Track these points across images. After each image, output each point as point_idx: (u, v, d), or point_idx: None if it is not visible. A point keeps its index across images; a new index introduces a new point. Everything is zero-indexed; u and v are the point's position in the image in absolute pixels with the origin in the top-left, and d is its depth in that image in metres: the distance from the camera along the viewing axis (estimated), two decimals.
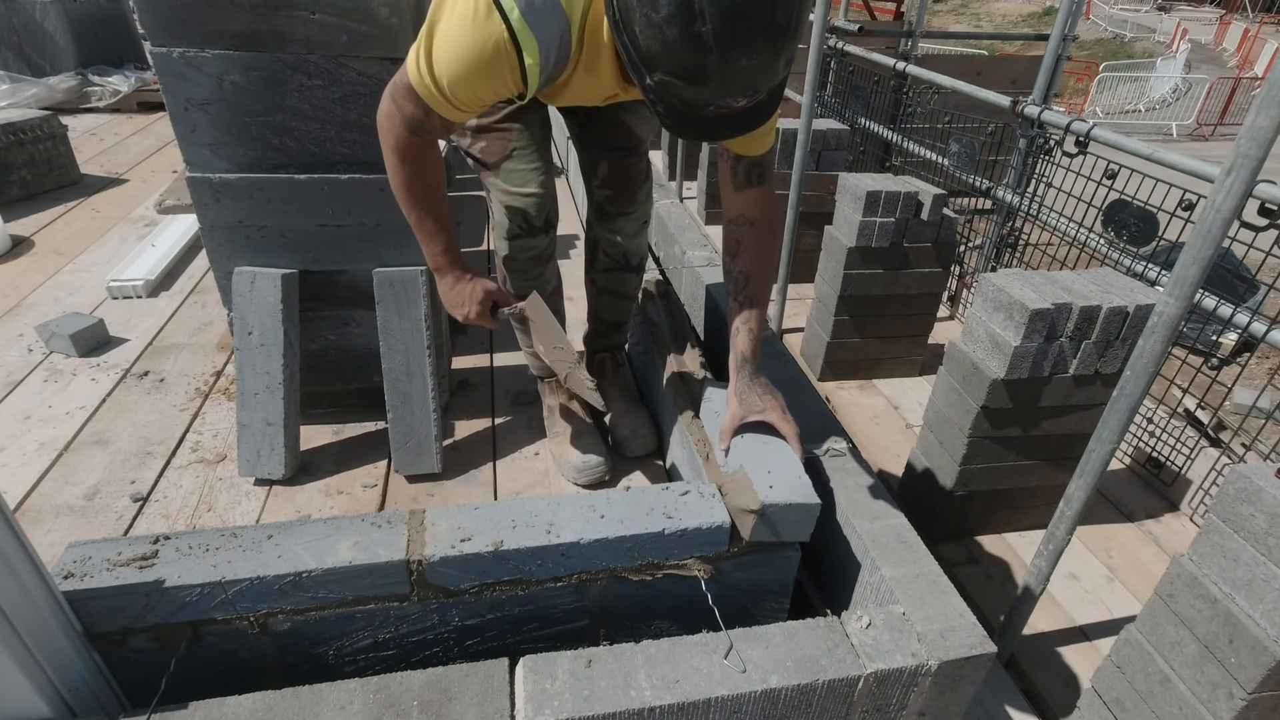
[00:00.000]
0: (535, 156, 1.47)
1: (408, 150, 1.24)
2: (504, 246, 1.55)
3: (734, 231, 1.39)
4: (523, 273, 1.58)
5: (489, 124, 1.44)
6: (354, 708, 0.91)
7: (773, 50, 0.91)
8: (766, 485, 1.19)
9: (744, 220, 1.38)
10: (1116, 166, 2.51)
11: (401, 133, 1.22)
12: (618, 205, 1.65)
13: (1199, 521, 2.19)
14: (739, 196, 1.36)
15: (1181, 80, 15.83)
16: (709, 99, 0.95)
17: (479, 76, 1.09)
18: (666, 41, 0.89)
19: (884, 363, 2.92)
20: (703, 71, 0.90)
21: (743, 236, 1.38)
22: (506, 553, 1.09)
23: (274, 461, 1.61)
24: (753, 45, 0.89)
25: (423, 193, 1.31)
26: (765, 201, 1.37)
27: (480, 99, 1.16)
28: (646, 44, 0.92)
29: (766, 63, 0.92)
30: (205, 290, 2.50)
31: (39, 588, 0.89)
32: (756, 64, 0.91)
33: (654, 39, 0.90)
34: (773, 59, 0.92)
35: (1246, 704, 1.12)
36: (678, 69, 0.92)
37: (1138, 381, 1.19)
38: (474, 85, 1.11)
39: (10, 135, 3.10)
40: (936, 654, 1.02)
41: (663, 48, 0.90)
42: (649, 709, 0.92)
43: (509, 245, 1.53)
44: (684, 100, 0.97)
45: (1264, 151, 1.00)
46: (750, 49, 0.89)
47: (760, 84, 0.95)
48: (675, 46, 0.89)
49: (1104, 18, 24.20)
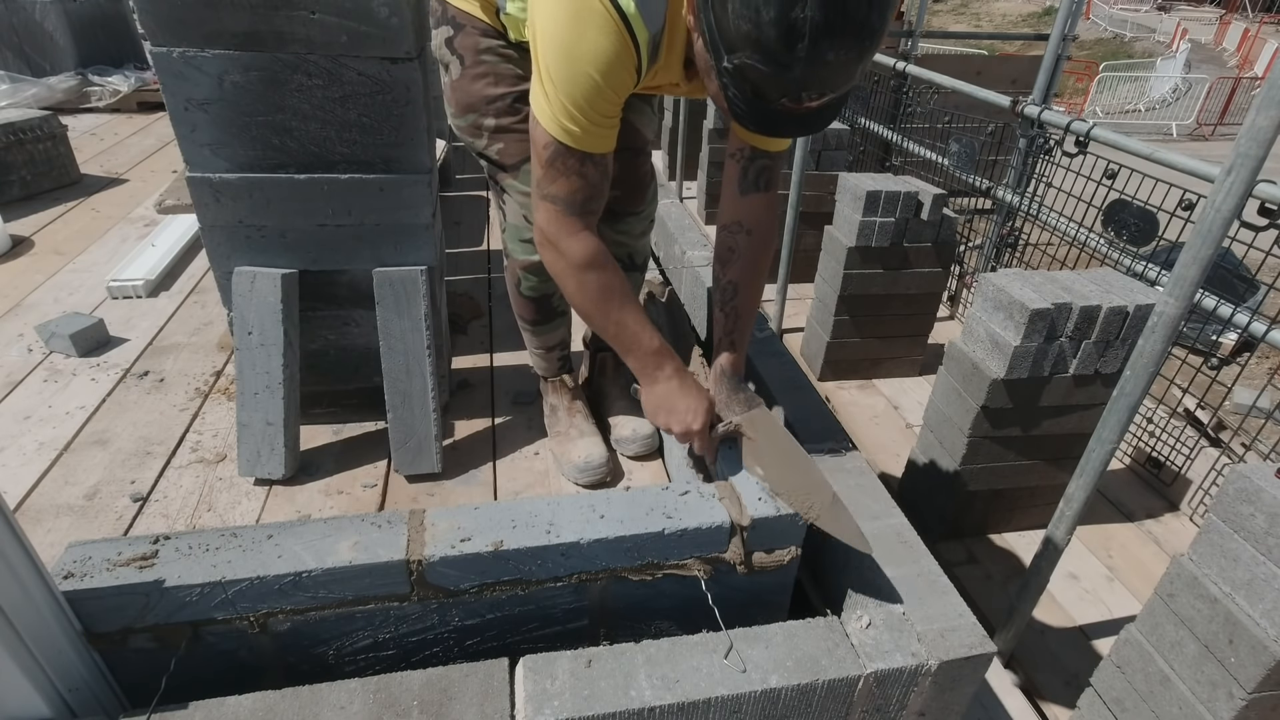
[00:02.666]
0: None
1: (587, 245, 1.17)
2: (520, 249, 1.53)
3: (728, 238, 1.37)
4: (538, 273, 1.55)
5: (508, 124, 1.42)
6: (354, 708, 0.91)
7: (859, 51, 0.90)
8: (755, 497, 1.19)
9: (740, 227, 1.35)
10: (1116, 166, 2.51)
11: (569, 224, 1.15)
12: (626, 205, 1.64)
13: (1199, 521, 2.19)
14: (742, 201, 1.34)
15: (1181, 80, 15.83)
16: (784, 90, 0.94)
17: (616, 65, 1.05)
18: (760, 21, 0.88)
19: (884, 363, 2.92)
20: (789, 58, 0.89)
21: (736, 244, 1.36)
22: (506, 553, 1.09)
23: (274, 461, 1.61)
24: (844, 41, 0.88)
25: (619, 288, 1.22)
26: (766, 209, 1.34)
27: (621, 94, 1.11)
28: (737, 22, 0.91)
29: (850, 62, 0.91)
30: (205, 290, 2.50)
31: (39, 588, 0.89)
32: (842, 60, 0.90)
33: (747, 17, 0.89)
34: (857, 59, 0.92)
35: (1246, 704, 1.12)
36: (763, 52, 0.91)
37: (1138, 381, 1.19)
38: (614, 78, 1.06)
39: (10, 135, 3.10)
40: (936, 654, 1.02)
41: (754, 27, 0.89)
42: (649, 709, 0.92)
43: (525, 247, 1.52)
44: (758, 88, 0.95)
45: (1264, 151, 1.00)
46: (841, 44, 0.88)
47: (838, 83, 0.94)
48: (768, 28, 0.88)
49: (1104, 17, 24.20)
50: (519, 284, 1.62)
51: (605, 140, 1.15)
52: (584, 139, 1.11)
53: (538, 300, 1.64)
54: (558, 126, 1.10)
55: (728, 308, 1.38)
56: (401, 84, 1.45)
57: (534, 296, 1.63)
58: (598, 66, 1.04)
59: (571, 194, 1.15)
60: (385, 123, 1.48)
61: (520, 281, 1.61)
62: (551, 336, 1.72)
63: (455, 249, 2.90)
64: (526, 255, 1.54)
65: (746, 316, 1.39)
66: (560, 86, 1.06)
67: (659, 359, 1.25)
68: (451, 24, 1.39)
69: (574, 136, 1.10)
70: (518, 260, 1.58)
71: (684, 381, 1.26)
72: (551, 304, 1.66)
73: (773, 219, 1.36)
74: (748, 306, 1.38)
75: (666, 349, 1.26)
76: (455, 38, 1.39)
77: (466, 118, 1.46)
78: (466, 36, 1.38)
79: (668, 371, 1.26)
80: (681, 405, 1.26)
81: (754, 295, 1.39)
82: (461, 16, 1.38)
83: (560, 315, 1.70)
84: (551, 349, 1.75)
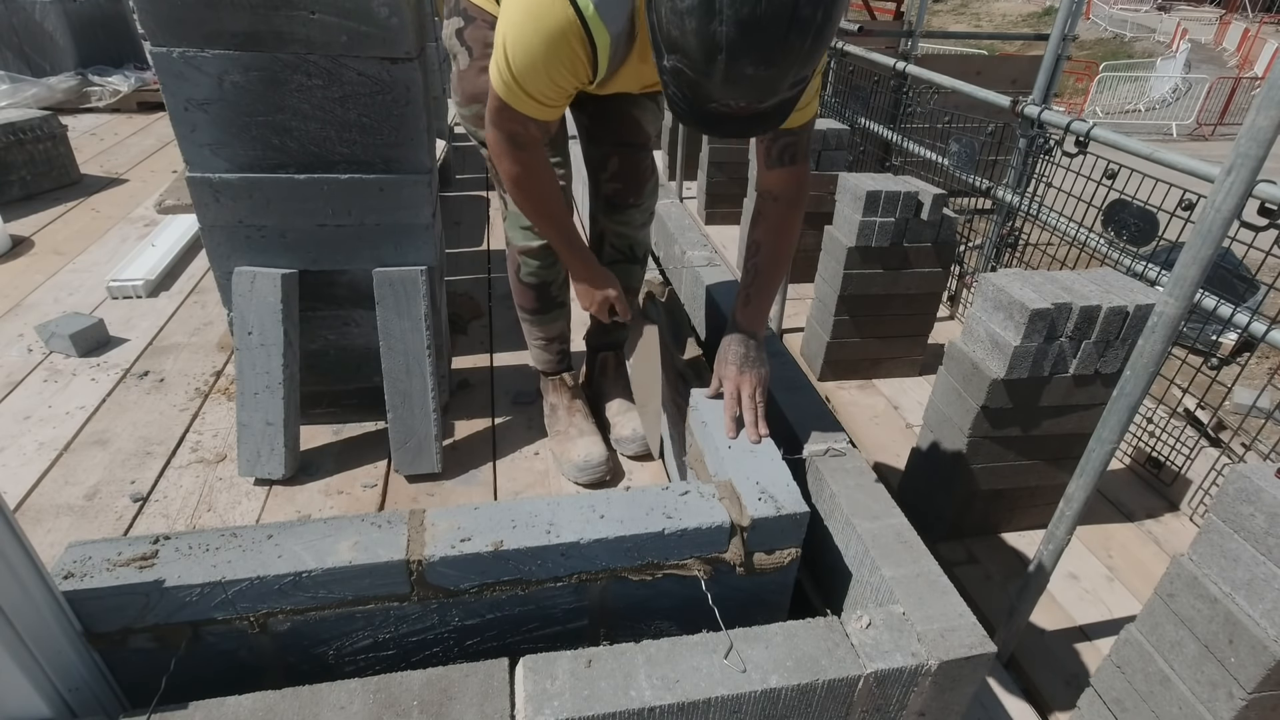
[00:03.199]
0: (553, 151, 1.52)
1: (517, 167, 1.32)
2: (520, 235, 1.61)
3: (759, 204, 1.43)
4: (538, 258, 1.63)
5: None
6: (354, 708, 0.91)
7: (779, 69, 0.93)
8: (755, 497, 1.19)
9: (769, 195, 1.41)
10: (1116, 166, 2.51)
11: (509, 151, 1.29)
12: (627, 197, 1.68)
13: (1199, 521, 2.19)
14: (769, 175, 1.39)
15: (1181, 80, 15.83)
16: (713, 95, 0.98)
17: (553, 62, 1.13)
18: (684, 30, 0.91)
19: (884, 363, 2.92)
20: (710, 68, 0.93)
21: (765, 209, 1.42)
22: (506, 553, 1.09)
23: (274, 461, 1.61)
24: (761, 58, 0.90)
25: (544, 206, 1.41)
26: (795, 181, 1.39)
27: (560, 87, 1.19)
28: (667, 28, 0.95)
29: (771, 78, 0.94)
30: (205, 290, 2.50)
31: (39, 588, 0.89)
32: (763, 76, 0.93)
33: (674, 25, 0.93)
34: (778, 76, 0.94)
35: (1246, 704, 1.12)
36: (689, 59, 0.94)
37: (1138, 381, 1.19)
38: (551, 72, 1.15)
39: (10, 135, 3.10)
40: (936, 654, 1.02)
41: (680, 35, 0.93)
42: (649, 709, 0.92)
43: (525, 234, 1.60)
44: (693, 89, 0.99)
45: (1264, 151, 1.00)
46: (759, 61, 0.91)
47: (762, 95, 0.97)
48: (690, 37, 0.91)
49: (1104, 18, 24.19)
50: (519, 270, 1.67)
51: (546, 113, 1.24)
52: (525, 106, 1.21)
53: (538, 288, 1.67)
54: (504, 89, 1.20)
55: (749, 264, 1.44)
56: (401, 84, 1.45)
57: (534, 283, 1.67)
58: (540, 63, 1.14)
59: (512, 135, 1.28)
60: (385, 123, 1.48)
61: (520, 267, 1.66)
62: (552, 328, 1.74)
63: (455, 249, 2.90)
64: (526, 241, 1.60)
65: (766, 275, 1.43)
66: (512, 62, 1.15)
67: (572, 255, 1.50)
68: (463, 16, 1.42)
69: (517, 102, 1.21)
70: (517, 246, 1.63)
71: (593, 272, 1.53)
72: (551, 293, 1.69)
73: (800, 189, 1.41)
74: (768, 265, 1.43)
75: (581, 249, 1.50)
76: (465, 29, 1.43)
77: (471, 107, 1.49)
78: (476, 29, 1.41)
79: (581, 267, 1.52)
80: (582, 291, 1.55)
81: (776, 256, 1.44)
82: (472, 9, 1.41)
83: (560, 306, 1.74)
84: (551, 340, 1.77)
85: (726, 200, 4.37)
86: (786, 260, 1.48)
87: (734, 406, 1.38)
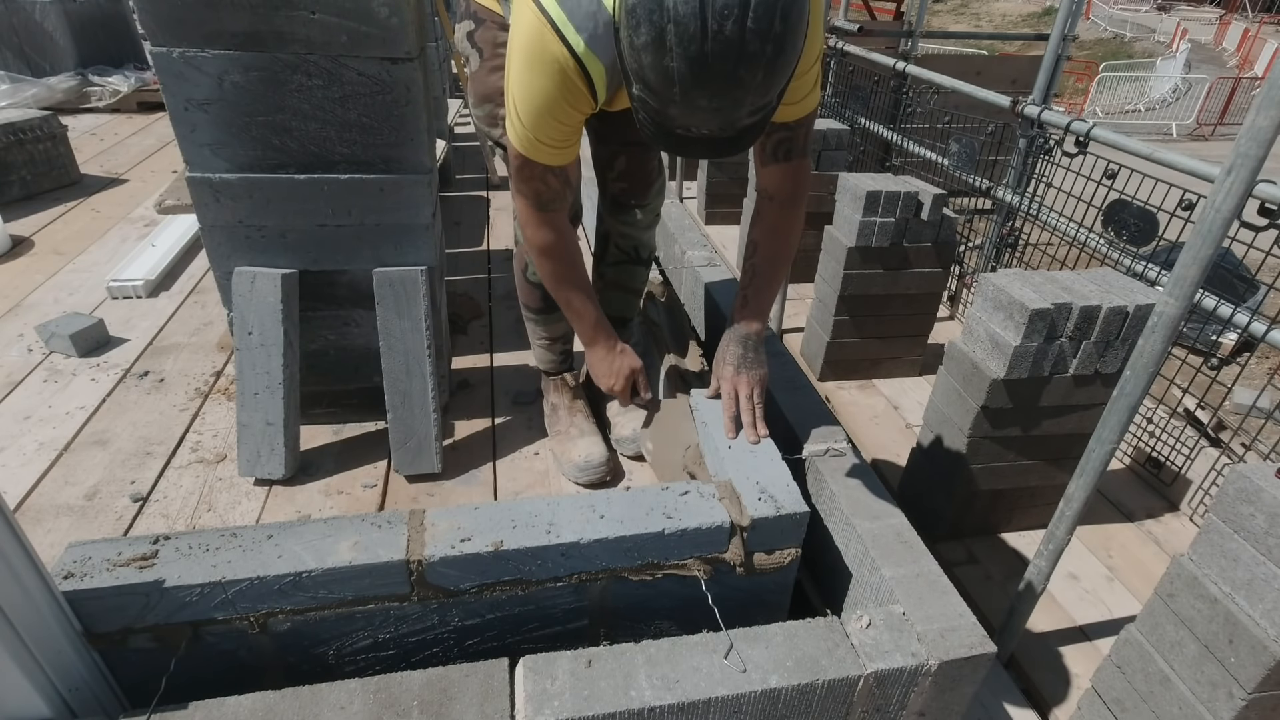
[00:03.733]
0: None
1: (545, 241, 1.38)
2: None
3: (757, 203, 1.44)
4: None
5: None
6: (354, 708, 0.91)
7: (733, 100, 0.95)
8: (755, 497, 1.19)
9: (765, 194, 1.41)
10: (1116, 166, 2.51)
11: (534, 217, 1.35)
12: (633, 198, 1.69)
13: (1199, 521, 2.19)
14: (764, 171, 1.39)
15: (1181, 80, 15.83)
16: (677, 123, 1.02)
17: (558, 103, 1.19)
18: (641, 64, 0.96)
19: (884, 363, 2.92)
20: (668, 99, 0.96)
21: (762, 208, 1.42)
22: (506, 553, 1.09)
23: (274, 461, 1.61)
24: (713, 91, 0.93)
25: (567, 274, 1.44)
26: (790, 178, 1.39)
27: (567, 126, 1.24)
28: (629, 60, 1.00)
29: (727, 108, 0.97)
30: (205, 290, 2.50)
31: (39, 588, 0.89)
32: (716, 107, 0.96)
33: (633, 59, 0.97)
34: (733, 107, 0.97)
35: (1246, 704, 1.12)
36: (649, 90, 0.98)
37: (1138, 381, 1.19)
38: (557, 113, 1.20)
39: (10, 135, 3.10)
40: (936, 654, 1.02)
41: (639, 68, 0.97)
42: (649, 709, 0.92)
43: None
44: (658, 116, 1.03)
45: (1264, 151, 1.00)
46: (711, 94, 0.94)
47: (720, 125, 1.00)
48: (647, 71, 0.95)
49: (1104, 18, 24.19)
50: (526, 269, 1.68)
51: (560, 157, 1.29)
52: (542, 154, 1.27)
53: (543, 287, 1.66)
54: (520, 142, 1.25)
55: (747, 264, 1.45)
56: (401, 84, 1.45)
57: (540, 283, 1.67)
58: (546, 106, 1.19)
59: (536, 195, 1.33)
60: (385, 123, 1.48)
61: (527, 267, 1.67)
62: (556, 328, 1.75)
63: (455, 249, 2.90)
64: None
65: (764, 276, 1.44)
66: (521, 114, 1.21)
67: (594, 331, 1.52)
68: (473, 18, 1.45)
69: (534, 151, 1.26)
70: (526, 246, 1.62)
71: (612, 351, 1.54)
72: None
73: (797, 186, 1.41)
74: (766, 266, 1.44)
75: (602, 323, 1.51)
76: (476, 31, 1.45)
77: (484, 107, 1.51)
78: (486, 30, 1.43)
79: (601, 349, 1.53)
80: (603, 369, 1.55)
81: (774, 256, 1.44)
82: (482, 11, 1.43)
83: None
84: (555, 340, 1.78)
85: (726, 200, 4.38)
86: (785, 260, 1.48)
87: (733, 407, 1.38)
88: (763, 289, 1.44)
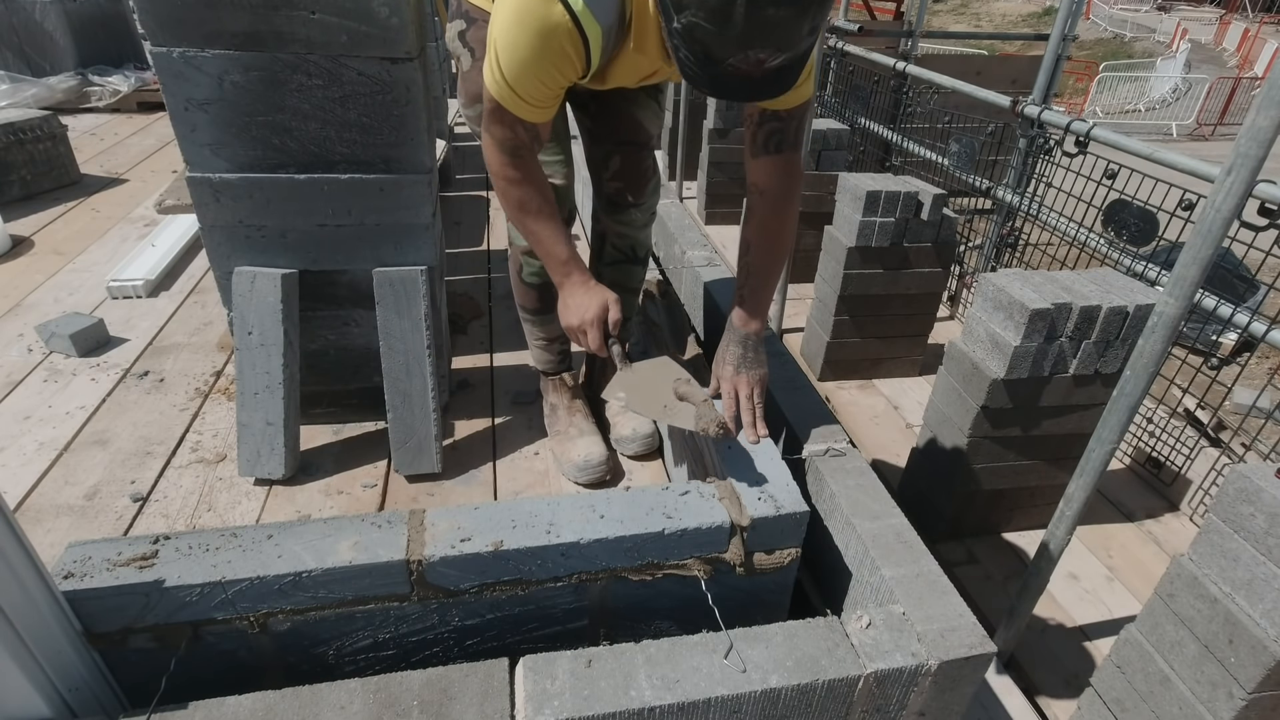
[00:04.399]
0: (557, 150, 1.53)
1: (511, 175, 1.32)
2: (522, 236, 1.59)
3: (749, 199, 1.42)
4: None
5: None
6: (354, 708, 0.91)
7: (800, 7, 0.91)
8: (755, 497, 1.19)
9: (755, 189, 1.39)
10: (1116, 166, 2.51)
11: (501, 158, 1.29)
12: (629, 196, 1.68)
13: (1199, 521, 2.19)
14: (754, 164, 1.37)
15: (1181, 80, 15.83)
16: (731, 49, 0.96)
17: (543, 62, 1.14)
18: None
19: (884, 363, 2.92)
20: (730, 15, 0.91)
21: (753, 205, 1.40)
22: (506, 553, 1.09)
23: (274, 461, 1.61)
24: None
25: (535, 209, 1.37)
26: (778, 171, 1.36)
27: (548, 88, 1.20)
28: None
29: (792, 18, 0.92)
30: (205, 290, 2.50)
31: (39, 588, 0.89)
32: (783, 16, 0.91)
33: None
34: (798, 16, 0.92)
35: (1246, 704, 1.12)
36: (706, 9, 0.92)
37: (1138, 381, 1.19)
38: (540, 73, 1.16)
39: (10, 135, 3.10)
40: (936, 654, 1.02)
41: None
42: (649, 709, 0.92)
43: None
44: (706, 47, 0.97)
45: (1264, 151, 1.00)
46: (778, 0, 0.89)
47: (782, 42, 0.95)
48: None
49: (1104, 18, 24.19)
50: (521, 270, 1.67)
51: (537, 115, 1.25)
52: (518, 108, 1.22)
53: (540, 288, 1.68)
54: (497, 92, 1.20)
55: (741, 264, 1.43)
56: (401, 84, 1.45)
57: (536, 284, 1.68)
58: (530, 64, 1.15)
59: (504, 139, 1.28)
60: (385, 123, 1.48)
61: (522, 268, 1.66)
62: (553, 328, 1.74)
63: (455, 249, 2.90)
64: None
65: (759, 275, 1.42)
66: (503, 66, 1.16)
67: (566, 266, 1.40)
68: (465, 18, 1.43)
69: (509, 103, 1.21)
70: (520, 246, 1.63)
71: (586, 285, 1.40)
72: (552, 293, 1.68)
73: (787, 181, 1.37)
74: (760, 265, 1.41)
75: (575, 259, 1.40)
76: (468, 31, 1.43)
77: (475, 107, 1.49)
78: (478, 30, 1.41)
79: (574, 277, 1.40)
80: (575, 303, 1.39)
81: (767, 255, 1.42)
82: (474, 10, 1.41)
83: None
84: (552, 341, 1.77)
85: (726, 200, 4.38)
86: (780, 258, 1.46)
87: (733, 407, 1.38)
88: (759, 288, 1.42)
